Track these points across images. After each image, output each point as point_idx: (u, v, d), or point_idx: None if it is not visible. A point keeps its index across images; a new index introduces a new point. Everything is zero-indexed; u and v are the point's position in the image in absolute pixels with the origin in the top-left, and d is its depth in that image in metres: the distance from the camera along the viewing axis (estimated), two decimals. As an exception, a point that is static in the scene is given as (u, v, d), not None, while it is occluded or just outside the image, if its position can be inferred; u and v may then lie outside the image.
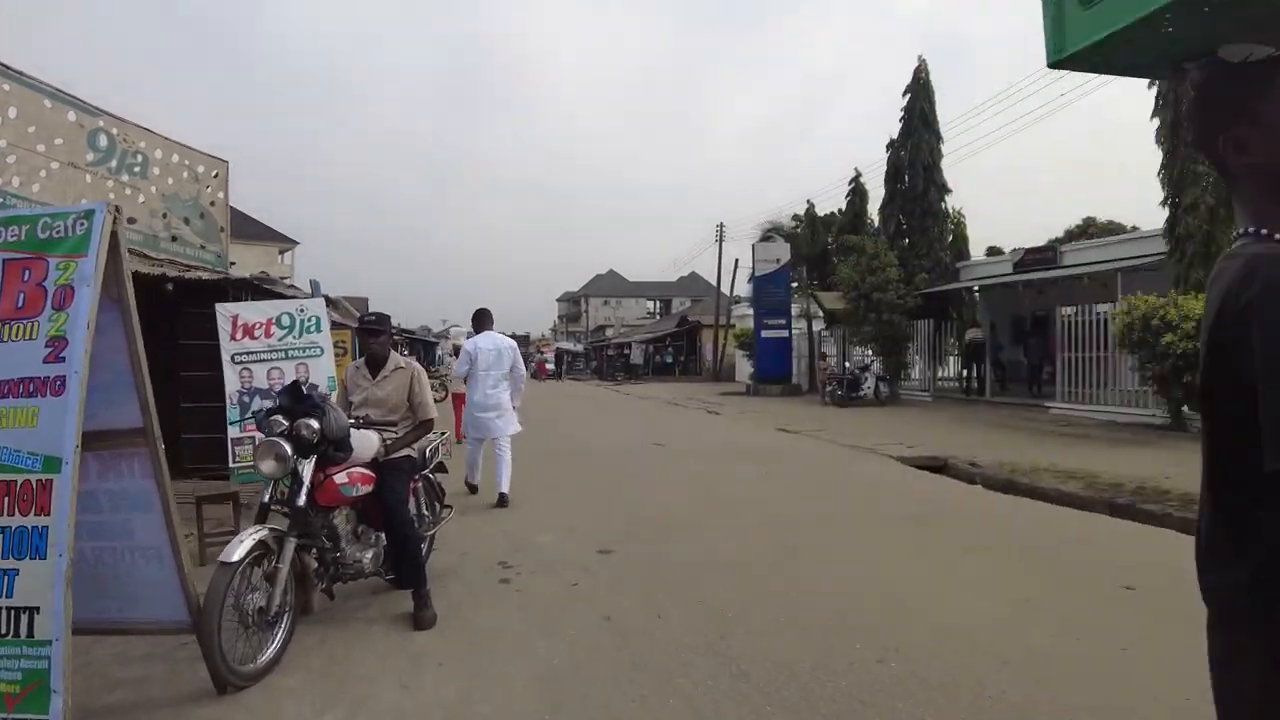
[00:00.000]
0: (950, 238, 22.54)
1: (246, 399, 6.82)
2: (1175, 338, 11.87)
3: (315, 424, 3.56)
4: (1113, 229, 25.30)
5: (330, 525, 3.83)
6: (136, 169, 7.98)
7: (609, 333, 74.70)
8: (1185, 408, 12.83)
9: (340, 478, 3.76)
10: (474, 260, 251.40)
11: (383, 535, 4.16)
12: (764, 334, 23.77)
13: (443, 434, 5.02)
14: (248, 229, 61.48)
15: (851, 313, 20.76)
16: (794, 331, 25.20)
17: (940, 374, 21.29)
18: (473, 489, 7.60)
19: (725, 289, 36.51)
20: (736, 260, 34.95)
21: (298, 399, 3.68)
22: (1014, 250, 20.83)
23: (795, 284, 25.72)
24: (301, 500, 3.53)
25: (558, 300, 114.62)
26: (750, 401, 21.71)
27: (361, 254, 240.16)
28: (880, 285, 20.32)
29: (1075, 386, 15.83)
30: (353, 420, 4.04)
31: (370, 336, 4.52)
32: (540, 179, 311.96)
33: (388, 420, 4.37)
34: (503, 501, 7.12)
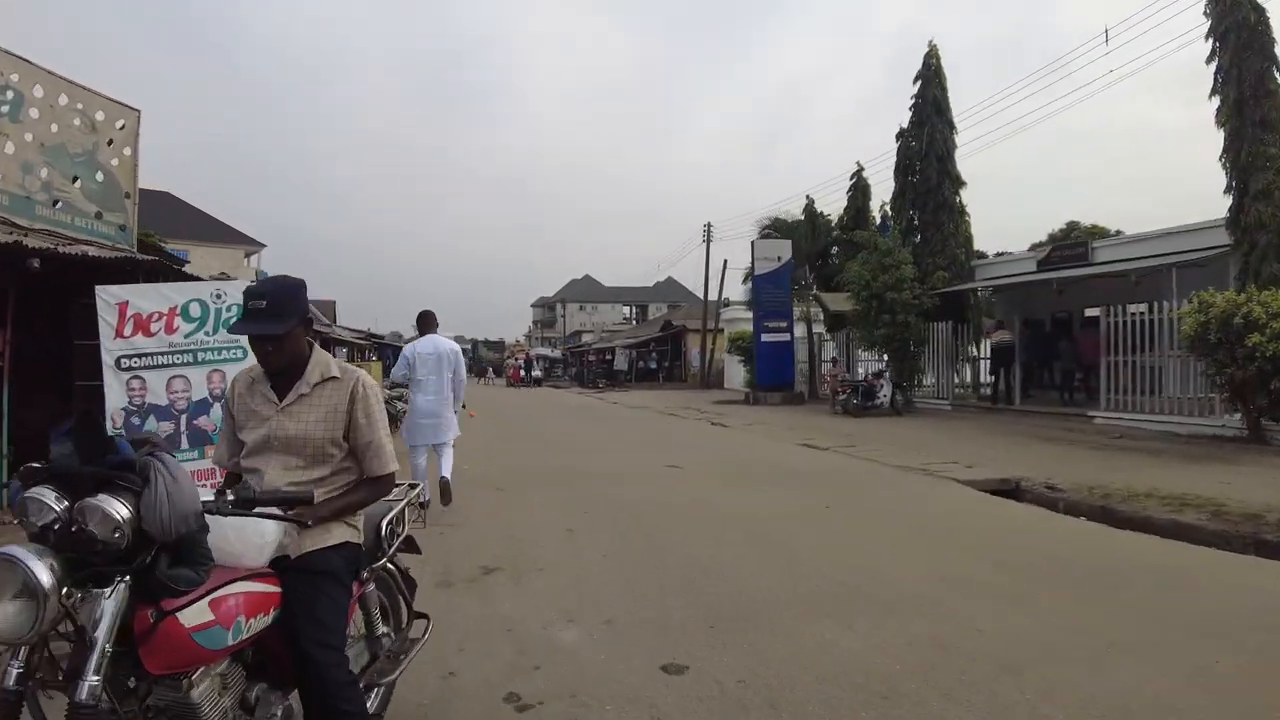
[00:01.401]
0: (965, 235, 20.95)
1: (136, 420, 4.82)
2: (1263, 338, 10.30)
3: (122, 509, 1.65)
4: (1097, 233, 24.42)
5: (183, 709, 1.82)
6: (4, 108, 5.96)
7: (586, 338, 72.87)
8: (1265, 419, 11.27)
9: (193, 613, 1.80)
10: (448, 264, 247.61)
11: (294, 703, 2.18)
12: (764, 337, 21.91)
13: (415, 489, 2.98)
14: (211, 231, 58.76)
15: (862, 314, 19.06)
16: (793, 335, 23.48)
17: (954, 380, 19.65)
18: (422, 506, 6.32)
19: (713, 292, 34.74)
20: (725, 261, 33.23)
21: (92, 448, 1.73)
22: (1036, 246, 19.28)
23: (798, 284, 23.92)
24: (91, 679, 1.60)
25: (532, 305, 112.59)
26: (752, 411, 19.88)
27: (331, 257, 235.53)
28: (894, 284, 18.65)
29: (1123, 394, 14.24)
30: (224, 495, 2.04)
31: (255, 324, 2.32)
32: (515, 183, 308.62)
33: (307, 479, 2.36)
34: (444, 488, 6.86)
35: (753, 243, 23.31)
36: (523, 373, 47.10)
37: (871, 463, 10.37)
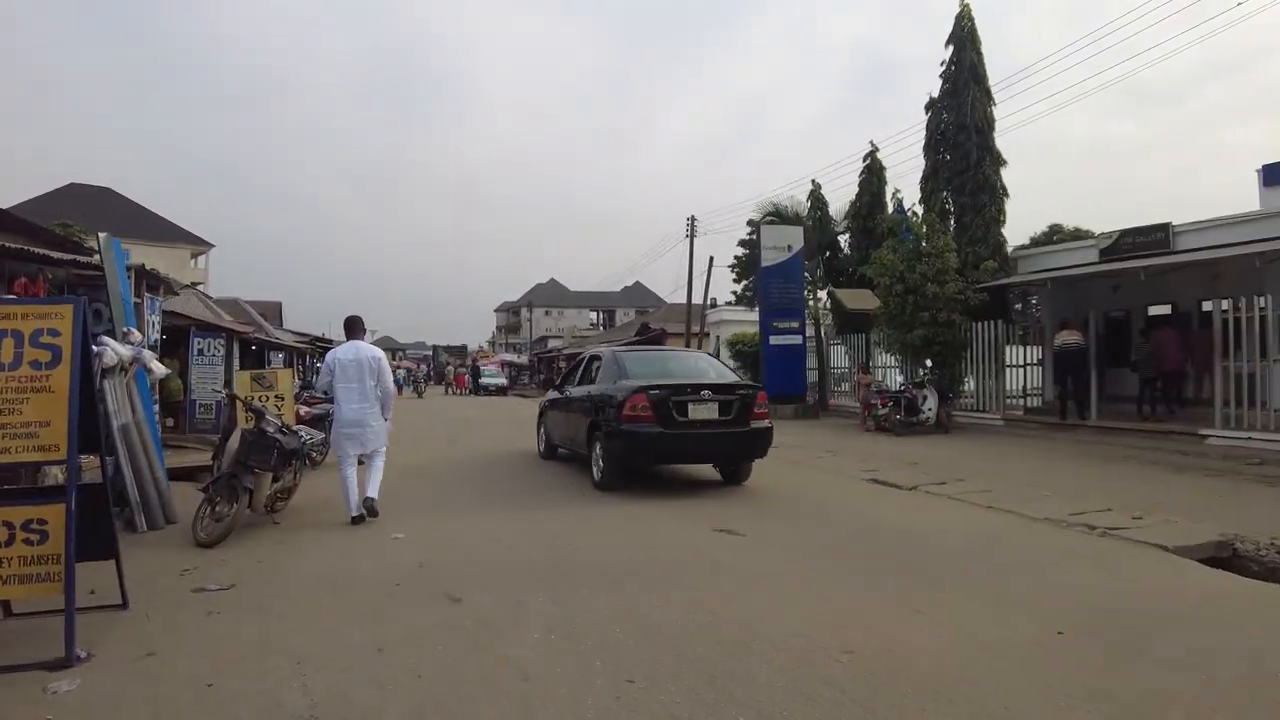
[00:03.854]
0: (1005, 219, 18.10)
1: None
2: None
3: None
4: (1080, 236, 22.27)
5: None
6: None
7: (553, 343, 69.55)
8: None
9: None
10: (407, 269, 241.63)
11: None
12: (772, 339, 18.67)
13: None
14: (154, 229, 54.47)
15: (896, 312, 16.07)
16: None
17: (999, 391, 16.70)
18: (356, 520, 6.61)
19: (697, 293, 31.60)
20: (711, 259, 29.98)
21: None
22: (1102, 234, 16.44)
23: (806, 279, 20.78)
24: None
25: (496, 310, 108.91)
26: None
27: (284, 260, 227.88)
28: (935, 275, 15.70)
29: (1239, 407, 11.44)
30: None
31: None
32: (475, 187, 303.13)
33: None
34: (369, 507, 6.67)
35: (759, 228, 20.07)
36: (468, 379, 43.68)
37: (1000, 513, 7.27)
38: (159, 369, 6.82)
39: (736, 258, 51.54)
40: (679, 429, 8.22)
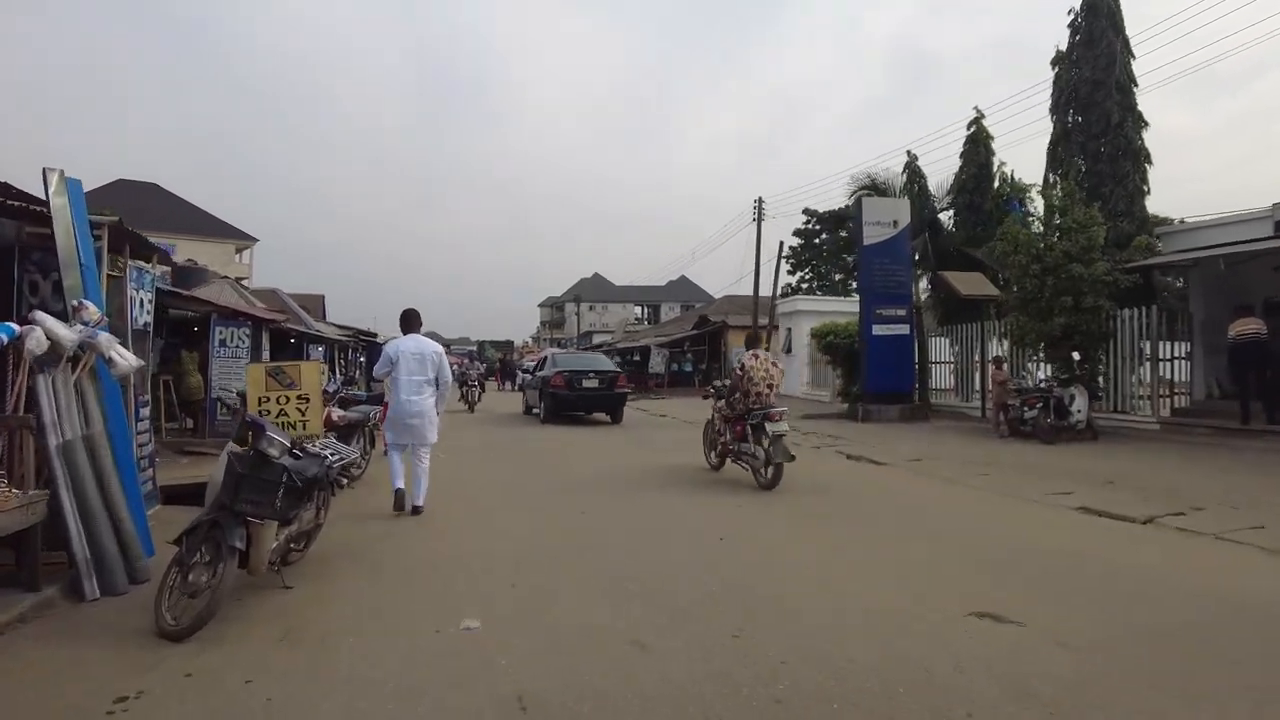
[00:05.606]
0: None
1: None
2: None
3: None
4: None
5: None
6: None
7: (598, 338, 67.70)
8: None
9: None
10: (452, 265, 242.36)
11: None
12: (875, 329, 16.17)
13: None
14: (201, 224, 53.97)
15: (1033, 296, 13.54)
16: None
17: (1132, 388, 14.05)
18: (399, 495, 7.01)
19: (740, 282, 29.17)
20: (781, 244, 27.51)
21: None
22: (1277, 204, 13.69)
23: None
24: None
25: (540, 305, 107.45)
26: (874, 433, 14.29)
27: (328, 256, 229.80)
28: (1080, 253, 13.15)
29: None
30: None
31: None
32: (519, 184, 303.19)
33: None
34: (416, 512, 6.88)
35: (859, 200, 17.52)
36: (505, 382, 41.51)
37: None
38: (126, 360, 4.76)
39: (791, 248, 49.08)
40: (578, 392, 16.64)
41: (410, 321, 7.24)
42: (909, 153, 20.04)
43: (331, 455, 4.91)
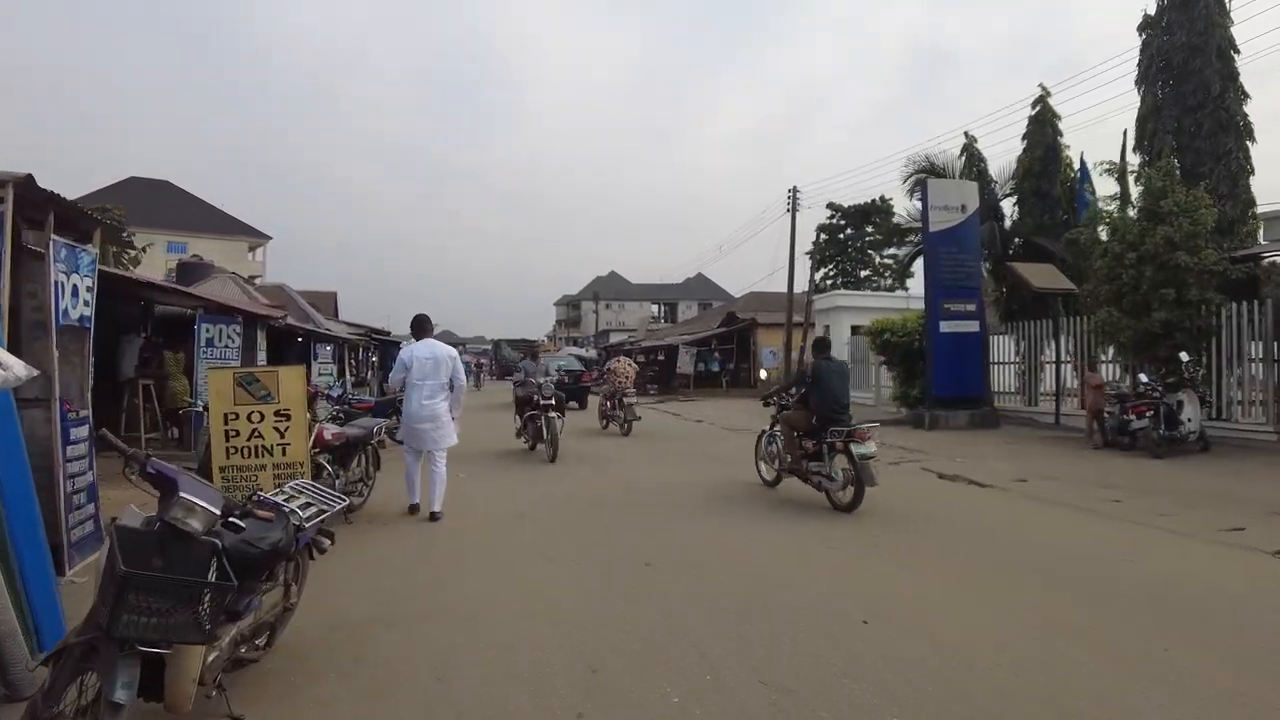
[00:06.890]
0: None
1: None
2: None
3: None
4: None
5: None
6: None
7: (615, 336, 66.35)
8: None
9: None
10: (465, 264, 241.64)
11: None
12: (943, 325, 14.58)
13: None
14: (213, 222, 52.90)
15: (1129, 289, 11.92)
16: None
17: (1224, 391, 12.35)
18: (414, 509, 7.05)
19: (771, 275, 27.56)
20: (819, 231, 25.87)
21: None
22: None
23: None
24: None
25: (555, 304, 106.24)
26: (946, 442, 12.63)
27: (344, 254, 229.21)
28: (1185, 241, 11.51)
29: None
30: None
31: None
32: (533, 182, 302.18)
33: None
34: (434, 519, 6.80)
35: (925, 183, 15.92)
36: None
37: None
38: (12, 369, 3.27)
39: (814, 243, 47.23)
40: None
41: (422, 327, 7.34)
42: (966, 134, 18.34)
43: (306, 508, 3.37)
